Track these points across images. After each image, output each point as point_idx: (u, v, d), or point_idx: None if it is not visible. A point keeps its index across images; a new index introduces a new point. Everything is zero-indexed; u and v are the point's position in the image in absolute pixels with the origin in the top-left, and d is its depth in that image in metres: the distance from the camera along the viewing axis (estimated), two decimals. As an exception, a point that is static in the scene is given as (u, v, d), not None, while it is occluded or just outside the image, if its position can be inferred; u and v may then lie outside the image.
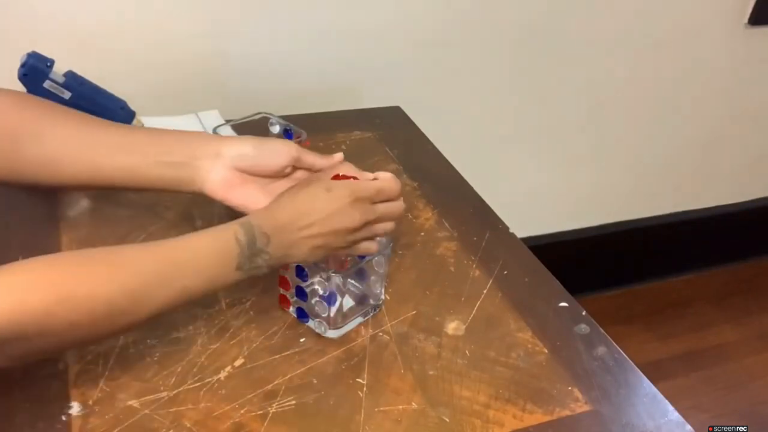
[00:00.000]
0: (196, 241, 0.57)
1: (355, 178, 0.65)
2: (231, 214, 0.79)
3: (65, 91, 0.84)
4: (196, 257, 0.56)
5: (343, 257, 0.67)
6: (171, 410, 0.56)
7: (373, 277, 0.67)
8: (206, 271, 0.56)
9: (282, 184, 0.68)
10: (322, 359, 0.63)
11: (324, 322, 0.64)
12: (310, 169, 0.69)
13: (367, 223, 0.62)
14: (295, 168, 0.69)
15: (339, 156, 0.70)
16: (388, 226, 0.65)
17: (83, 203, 0.81)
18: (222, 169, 0.65)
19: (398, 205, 0.65)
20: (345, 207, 0.60)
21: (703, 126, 1.57)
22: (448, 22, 1.18)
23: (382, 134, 1.01)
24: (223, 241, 0.57)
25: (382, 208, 0.64)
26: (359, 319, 0.67)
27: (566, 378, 0.64)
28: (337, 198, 0.60)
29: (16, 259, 0.68)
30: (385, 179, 0.64)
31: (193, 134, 0.68)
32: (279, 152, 0.67)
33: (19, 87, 0.83)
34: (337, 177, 0.65)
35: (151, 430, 0.55)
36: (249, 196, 0.65)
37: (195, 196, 0.82)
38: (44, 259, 0.51)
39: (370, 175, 0.65)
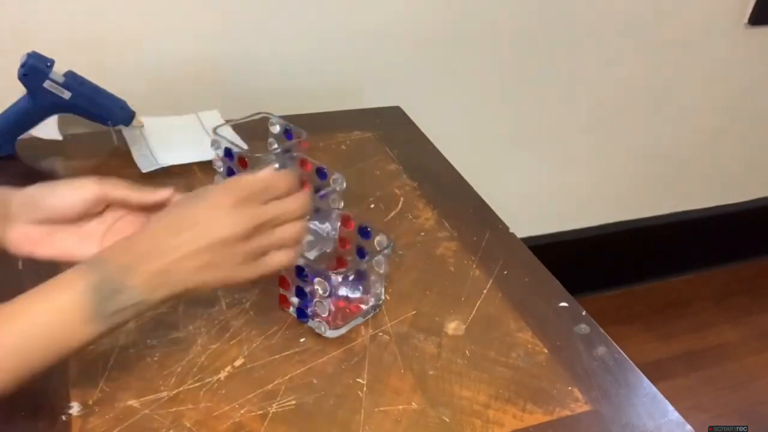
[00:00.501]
0: (32, 301, 0.48)
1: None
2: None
3: (65, 91, 0.84)
4: (32, 323, 0.47)
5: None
6: (171, 410, 0.56)
7: (373, 277, 0.67)
8: (47, 335, 0.47)
9: (103, 222, 0.58)
10: (322, 359, 0.63)
11: (324, 322, 0.64)
12: (127, 205, 0.58)
13: (261, 228, 0.52)
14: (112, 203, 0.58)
15: (165, 193, 0.57)
16: (293, 229, 0.54)
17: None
18: (17, 226, 0.55)
19: (296, 202, 0.54)
20: (224, 212, 0.50)
21: (703, 126, 1.57)
22: (448, 22, 1.18)
23: (382, 134, 1.01)
24: (64, 289, 0.48)
25: (276, 207, 0.53)
26: (359, 319, 0.67)
27: (566, 378, 0.64)
28: (212, 205, 0.50)
29: (16, 260, 0.68)
30: (268, 172, 0.54)
31: None
32: (73, 194, 0.56)
33: (19, 87, 0.83)
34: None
35: (151, 430, 0.55)
36: (60, 246, 0.56)
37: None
38: None
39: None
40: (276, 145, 0.86)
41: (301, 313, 0.66)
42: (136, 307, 0.49)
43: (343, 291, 0.66)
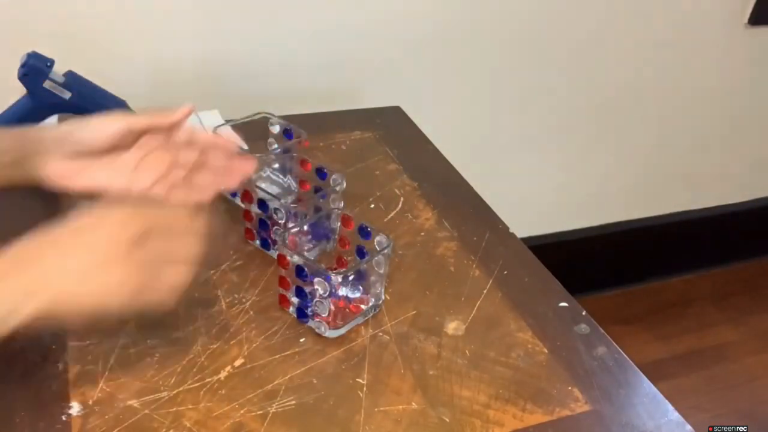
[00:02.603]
0: None
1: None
2: (230, 214, 0.80)
3: (65, 91, 0.84)
4: None
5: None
6: (171, 410, 0.56)
7: (373, 277, 0.67)
8: None
9: (134, 154, 0.63)
10: (322, 359, 0.63)
11: (324, 322, 0.64)
12: (151, 132, 0.64)
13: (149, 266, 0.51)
14: (142, 134, 0.64)
15: (183, 110, 0.63)
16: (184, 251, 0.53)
17: (83, 203, 0.81)
18: (52, 161, 0.62)
19: (186, 246, 0.53)
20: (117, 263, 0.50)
21: (703, 126, 1.57)
22: (448, 22, 1.18)
23: (382, 134, 1.01)
24: None
25: (164, 249, 0.52)
26: (359, 319, 0.67)
27: (566, 378, 0.64)
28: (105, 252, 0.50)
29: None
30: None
31: (28, 131, 0.65)
32: (102, 128, 0.62)
33: (19, 87, 0.83)
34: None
35: (151, 430, 0.55)
36: (93, 179, 0.62)
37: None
38: None
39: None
40: (276, 145, 0.86)
41: (301, 313, 0.66)
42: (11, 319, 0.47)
43: (343, 291, 0.66)
